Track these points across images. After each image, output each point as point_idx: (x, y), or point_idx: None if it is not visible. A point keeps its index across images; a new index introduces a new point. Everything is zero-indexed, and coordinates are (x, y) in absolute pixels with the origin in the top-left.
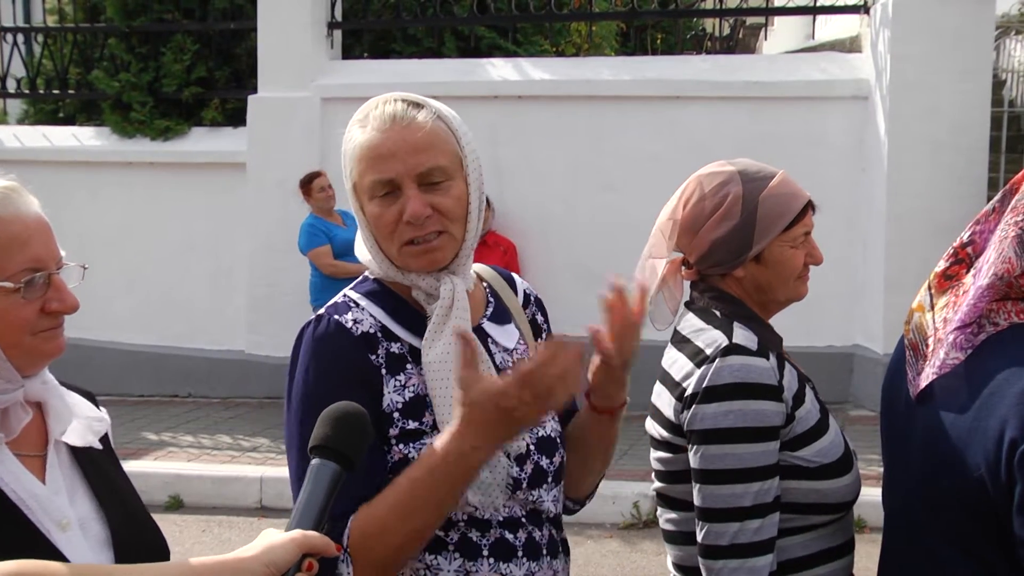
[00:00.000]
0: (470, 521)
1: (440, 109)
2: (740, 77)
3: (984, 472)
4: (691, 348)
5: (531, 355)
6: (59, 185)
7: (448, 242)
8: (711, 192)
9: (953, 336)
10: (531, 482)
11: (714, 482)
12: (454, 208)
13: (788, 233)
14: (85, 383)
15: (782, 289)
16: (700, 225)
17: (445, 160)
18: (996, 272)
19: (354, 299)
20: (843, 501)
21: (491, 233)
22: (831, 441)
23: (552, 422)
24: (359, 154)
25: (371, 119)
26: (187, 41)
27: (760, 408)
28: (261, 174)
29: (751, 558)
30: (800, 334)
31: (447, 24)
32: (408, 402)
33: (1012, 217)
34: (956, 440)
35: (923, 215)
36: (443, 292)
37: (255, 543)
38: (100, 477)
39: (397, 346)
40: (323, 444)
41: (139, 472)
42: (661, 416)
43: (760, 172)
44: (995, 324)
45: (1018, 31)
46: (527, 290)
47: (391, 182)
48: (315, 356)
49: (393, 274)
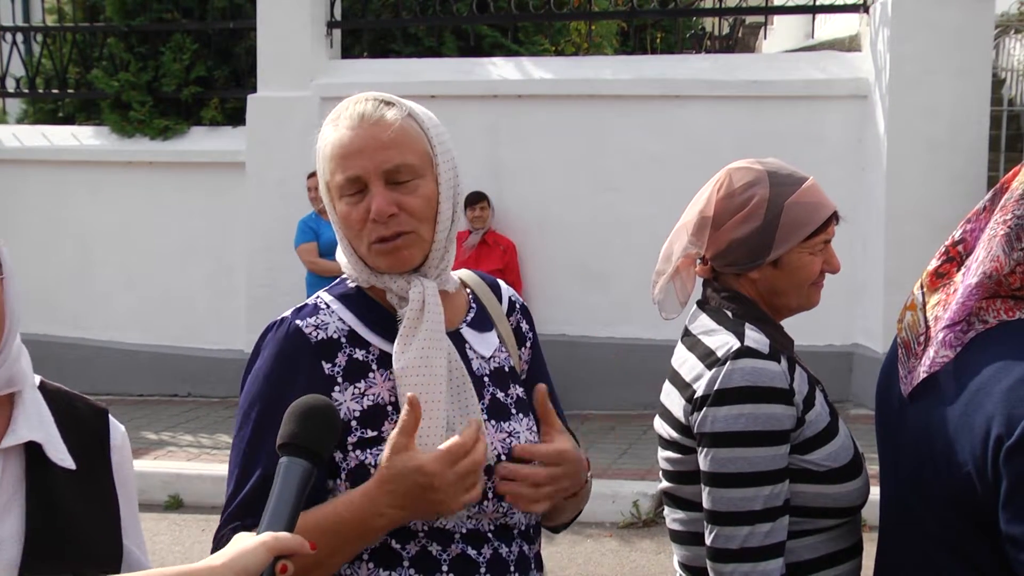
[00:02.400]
0: (431, 533)
1: (413, 108)
2: (740, 76)
3: (971, 469)
4: (702, 349)
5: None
6: (58, 185)
7: (415, 243)
8: (739, 190)
9: (943, 334)
10: (499, 494)
11: (724, 485)
12: (422, 208)
13: (808, 241)
14: (85, 383)
15: (795, 295)
16: (723, 222)
17: (414, 158)
18: (985, 271)
19: (326, 301)
20: (852, 505)
21: (491, 232)
22: (841, 445)
23: (528, 432)
24: (330, 152)
25: (342, 118)
26: (186, 40)
27: (771, 412)
28: (260, 174)
29: (761, 562)
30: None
31: (447, 23)
32: (366, 411)
33: (1001, 216)
34: (945, 437)
35: (922, 214)
36: (412, 295)
37: (225, 549)
38: (46, 496)
39: (363, 353)
40: (291, 442)
41: (139, 472)
42: (670, 416)
43: (790, 177)
44: (984, 322)
45: (1017, 30)
46: (512, 297)
47: (358, 179)
48: (268, 359)
49: (367, 276)
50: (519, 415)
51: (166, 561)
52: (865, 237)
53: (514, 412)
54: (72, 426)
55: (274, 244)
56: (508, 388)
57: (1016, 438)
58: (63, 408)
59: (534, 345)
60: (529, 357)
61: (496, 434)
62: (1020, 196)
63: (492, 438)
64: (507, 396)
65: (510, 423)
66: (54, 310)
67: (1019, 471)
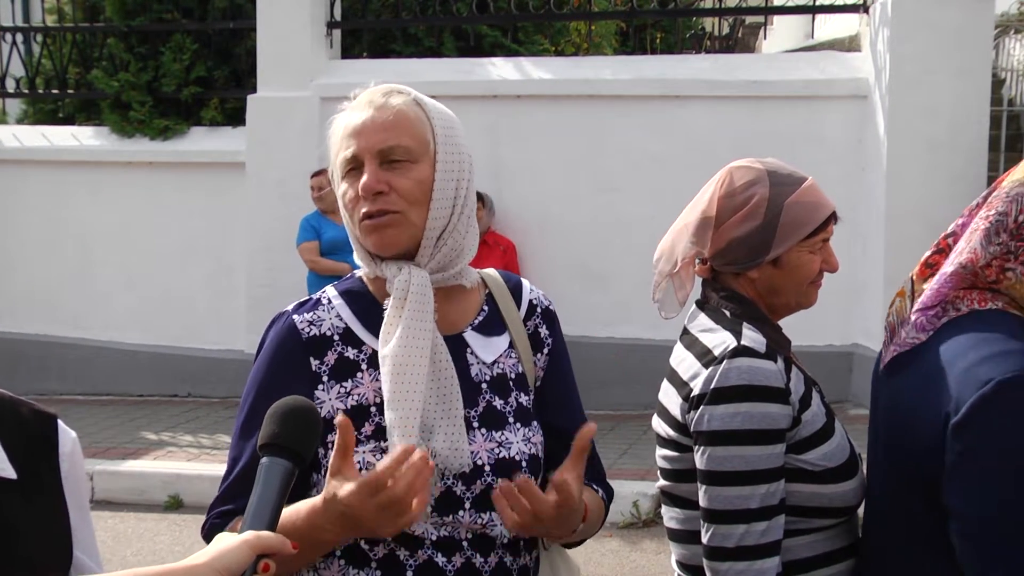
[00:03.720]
0: (400, 538)
1: (422, 99)
2: (739, 76)
3: (930, 444)
4: (700, 348)
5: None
6: (58, 185)
7: (401, 223)
8: (739, 189)
9: (915, 316)
10: (478, 504)
11: (721, 484)
12: (412, 190)
13: (808, 240)
14: (85, 383)
15: (794, 293)
16: (722, 221)
17: (410, 141)
18: (961, 261)
19: (328, 297)
20: (846, 505)
21: (491, 232)
22: (837, 445)
23: (523, 443)
24: (339, 132)
25: (355, 103)
26: (186, 41)
27: (767, 411)
28: (260, 174)
29: (757, 560)
30: (800, 333)
31: (447, 23)
32: (349, 410)
33: (985, 211)
34: (909, 415)
35: (922, 214)
36: (397, 283)
37: (207, 548)
38: None
39: (355, 352)
40: (272, 442)
41: (138, 472)
42: (668, 414)
43: (790, 176)
44: (957, 310)
45: (1017, 30)
46: (534, 300)
47: (355, 158)
48: (265, 352)
49: (367, 262)
50: (516, 424)
51: (166, 561)
52: (865, 237)
53: (511, 421)
54: (16, 432)
55: (274, 244)
56: (509, 396)
57: (961, 416)
58: (5, 414)
59: (554, 351)
60: (546, 364)
61: (485, 443)
62: (1006, 194)
63: (480, 446)
64: (506, 404)
65: (503, 432)
66: (54, 310)
67: (961, 447)
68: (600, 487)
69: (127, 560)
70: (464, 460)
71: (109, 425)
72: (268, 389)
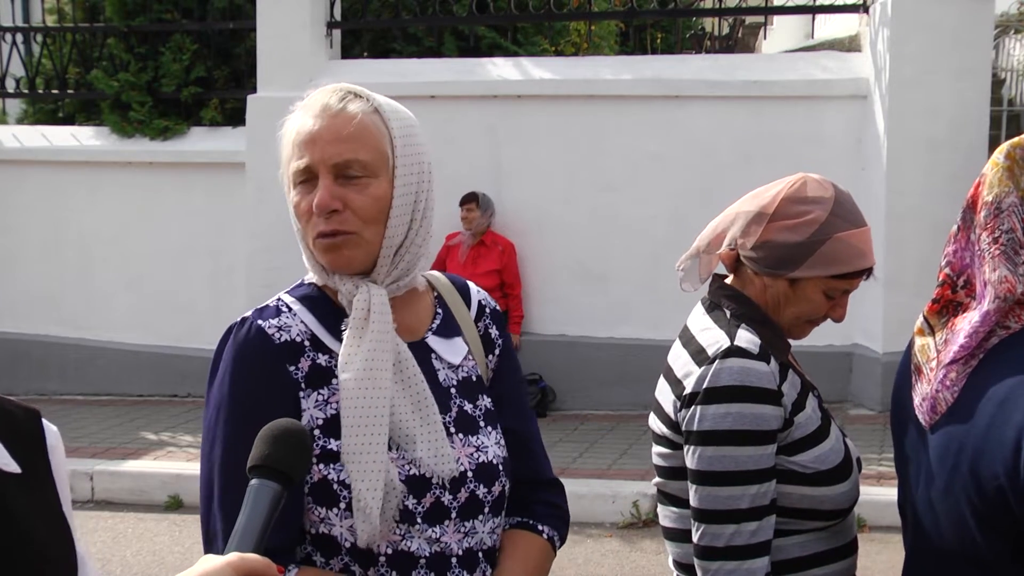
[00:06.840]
0: (352, 550)
1: (382, 105)
2: (739, 76)
3: (1004, 481)
4: (695, 346)
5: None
6: (58, 185)
7: (357, 244)
8: (803, 199)
9: (953, 355)
10: (464, 513)
11: (711, 483)
12: (368, 207)
13: (832, 280)
14: (85, 383)
15: (790, 319)
16: (774, 220)
17: (367, 156)
18: (997, 293)
19: (287, 303)
20: (838, 508)
21: (489, 233)
22: (830, 448)
23: (496, 447)
24: (292, 138)
25: (308, 106)
26: (186, 41)
27: (758, 412)
28: (260, 174)
29: (747, 560)
30: None
31: (447, 23)
32: (329, 419)
33: (987, 236)
34: (970, 455)
35: (922, 214)
36: (356, 303)
37: (191, 569)
38: None
39: (325, 358)
40: (262, 464)
41: (138, 472)
42: (662, 412)
43: (851, 213)
44: (1006, 328)
45: (1017, 30)
46: (482, 301)
47: (308, 169)
48: (234, 361)
49: (318, 272)
50: (487, 428)
51: (166, 561)
52: None
53: (483, 425)
54: (10, 429)
55: (274, 244)
56: (476, 399)
57: None
58: None
59: (504, 352)
60: (496, 365)
61: (464, 448)
62: (995, 213)
63: (460, 452)
64: (475, 408)
65: (478, 436)
66: (54, 310)
67: None
68: (546, 512)
69: (127, 560)
70: (450, 465)
71: (109, 425)
72: (246, 401)
